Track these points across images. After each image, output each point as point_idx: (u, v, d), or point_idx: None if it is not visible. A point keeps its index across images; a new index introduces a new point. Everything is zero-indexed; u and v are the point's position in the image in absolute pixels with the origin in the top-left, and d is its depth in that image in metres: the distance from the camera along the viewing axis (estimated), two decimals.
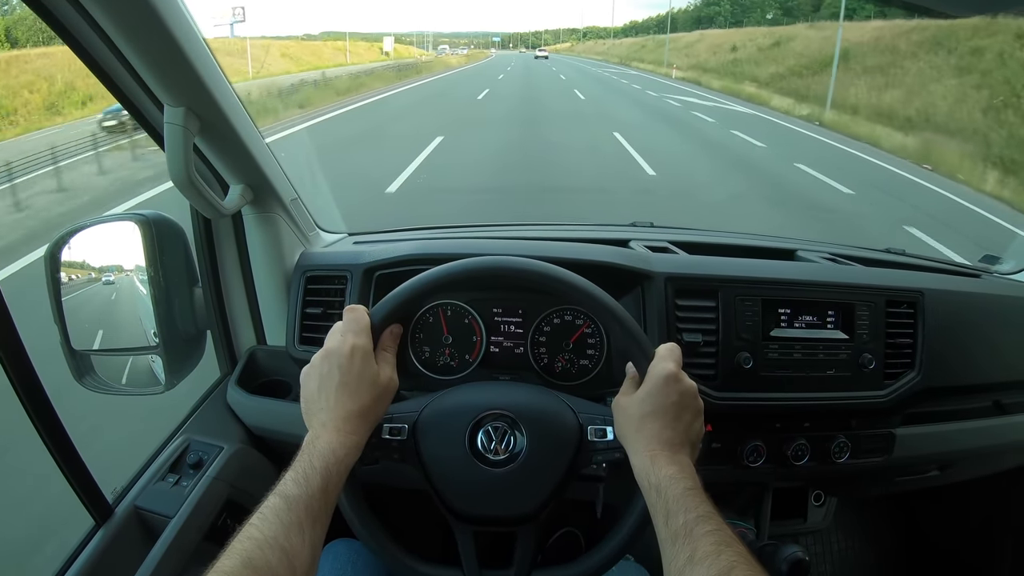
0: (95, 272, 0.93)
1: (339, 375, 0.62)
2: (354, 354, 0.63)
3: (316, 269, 0.97)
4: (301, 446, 0.59)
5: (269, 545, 0.49)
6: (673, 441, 0.62)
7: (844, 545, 1.46)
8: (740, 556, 0.51)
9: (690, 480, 0.58)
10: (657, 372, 0.64)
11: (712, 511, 0.55)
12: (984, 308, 1.07)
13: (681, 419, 0.63)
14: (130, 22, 0.64)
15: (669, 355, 0.66)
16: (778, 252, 1.17)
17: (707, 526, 0.53)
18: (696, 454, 0.65)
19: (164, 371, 0.92)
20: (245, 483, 0.90)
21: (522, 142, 9.36)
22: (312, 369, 0.64)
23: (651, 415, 0.63)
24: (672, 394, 0.63)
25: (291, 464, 0.57)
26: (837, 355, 0.94)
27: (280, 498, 0.53)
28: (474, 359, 0.96)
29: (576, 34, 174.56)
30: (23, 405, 0.70)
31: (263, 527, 0.50)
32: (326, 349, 0.64)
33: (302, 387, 0.64)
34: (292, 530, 0.51)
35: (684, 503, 0.56)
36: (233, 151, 0.85)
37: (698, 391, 0.66)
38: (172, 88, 0.72)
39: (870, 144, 10.44)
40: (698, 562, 0.51)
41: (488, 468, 0.68)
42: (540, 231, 1.24)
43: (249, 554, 0.48)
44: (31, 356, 0.69)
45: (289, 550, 0.50)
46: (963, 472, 1.18)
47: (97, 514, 0.79)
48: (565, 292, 0.71)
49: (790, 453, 0.95)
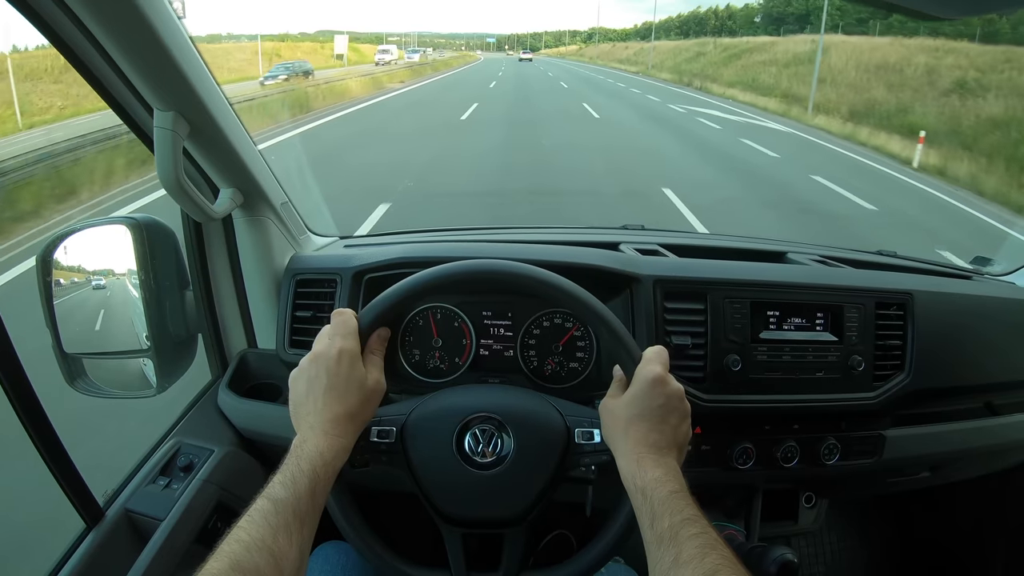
0: (86, 276, 0.93)
1: (327, 378, 0.62)
2: (342, 357, 0.63)
3: (306, 272, 0.98)
4: (289, 449, 0.60)
5: (257, 548, 0.49)
6: (659, 444, 0.62)
7: (836, 546, 1.47)
8: (725, 559, 0.51)
9: (676, 483, 0.59)
10: (644, 375, 0.64)
11: (697, 514, 0.56)
12: (975, 309, 1.08)
13: (667, 422, 0.63)
14: (118, 26, 0.64)
15: (656, 358, 0.66)
16: (768, 254, 1.17)
17: (692, 529, 0.54)
18: (683, 457, 0.65)
19: (156, 374, 0.92)
20: (235, 486, 0.90)
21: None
22: (300, 372, 0.64)
23: (637, 418, 0.63)
24: (658, 397, 0.63)
25: (279, 467, 0.57)
26: (826, 357, 0.94)
27: (268, 501, 0.53)
28: (464, 362, 0.96)
29: (578, 36, 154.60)
30: (13, 407, 0.70)
31: (251, 530, 0.50)
32: (314, 353, 0.64)
33: (290, 390, 0.65)
34: (280, 533, 0.51)
35: (669, 506, 0.56)
36: (222, 155, 0.85)
37: (686, 394, 0.66)
38: (161, 92, 0.72)
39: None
40: (683, 565, 0.51)
41: (475, 471, 0.68)
42: (530, 234, 1.24)
43: (237, 557, 0.48)
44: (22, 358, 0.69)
45: (277, 552, 0.50)
46: (954, 473, 1.18)
47: (88, 517, 0.79)
48: (551, 295, 0.71)
49: (780, 455, 0.95)
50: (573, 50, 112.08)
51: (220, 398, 0.98)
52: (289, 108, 13.26)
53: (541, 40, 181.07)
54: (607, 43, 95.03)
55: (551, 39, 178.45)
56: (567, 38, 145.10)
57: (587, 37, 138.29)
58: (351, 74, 23.71)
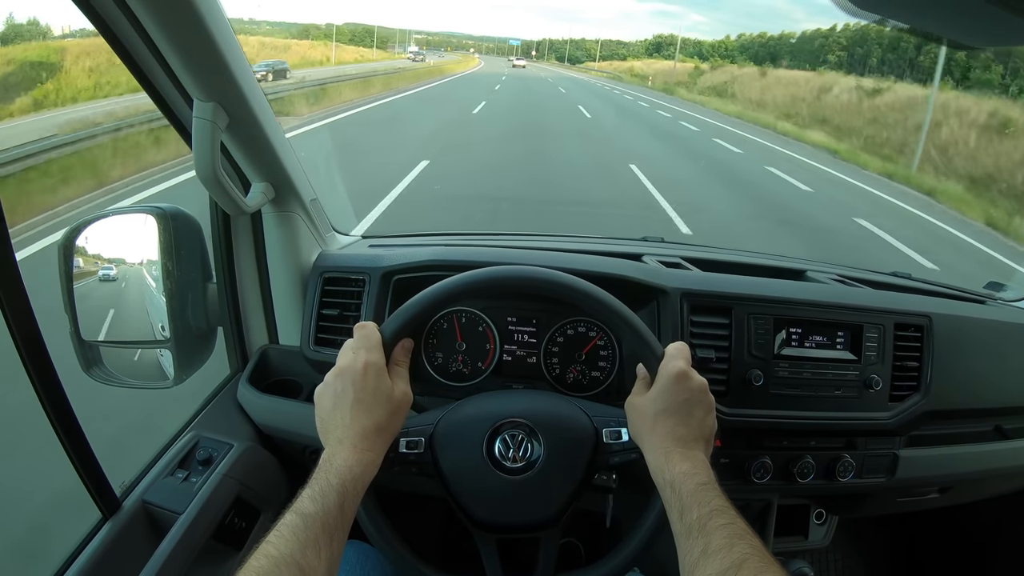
0: (108, 263, 0.93)
1: (353, 392, 0.62)
2: (367, 371, 0.63)
3: (334, 270, 0.97)
4: (311, 454, 0.59)
5: (286, 563, 0.49)
6: (686, 438, 0.63)
7: (843, 564, 1.47)
8: (753, 548, 0.51)
9: (704, 475, 0.59)
10: (668, 371, 0.65)
11: (726, 504, 0.56)
12: (989, 334, 1.09)
13: (693, 415, 0.64)
14: (168, 16, 0.64)
15: (678, 353, 0.67)
16: (787, 272, 1.18)
17: (720, 519, 0.54)
18: (710, 449, 0.65)
19: (173, 366, 0.91)
20: (254, 482, 0.89)
21: None
22: (326, 387, 0.64)
23: (664, 413, 0.64)
24: (683, 391, 0.64)
25: (308, 481, 0.57)
26: (845, 375, 0.95)
27: (297, 515, 0.53)
28: (487, 367, 0.96)
29: (638, 49, 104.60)
30: (37, 394, 0.69)
31: (280, 545, 0.50)
32: (339, 367, 0.64)
33: (316, 405, 0.64)
34: (308, 548, 0.51)
35: (698, 498, 0.56)
36: (258, 148, 0.85)
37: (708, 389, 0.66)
38: (204, 83, 0.72)
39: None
40: (712, 555, 0.51)
41: (507, 476, 0.68)
42: (554, 242, 1.24)
43: (265, 572, 0.48)
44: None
45: (306, 568, 0.50)
46: (963, 495, 1.19)
47: (105, 507, 0.78)
48: (574, 297, 0.71)
49: (796, 470, 0.96)
50: (606, 66, 78.60)
51: (240, 393, 0.97)
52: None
53: (586, 50, 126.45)
54: (666, 61, 65.64)
55: (595, 48, 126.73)
56: (628, 50, 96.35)
57: (652, 48, 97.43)
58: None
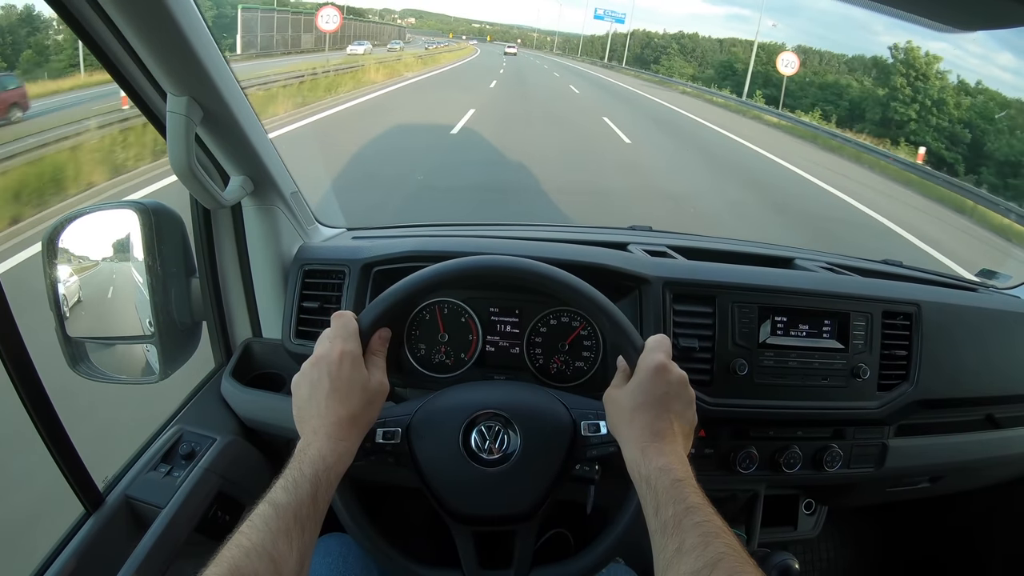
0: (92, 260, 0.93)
1: (329, 382, 0.62)
2: (343, 360, 0.63)
3: (314, 263, 0.97)
4: (294, 447, 0.59)
5: (257, 553, 0.49)
6: (664, 432, 0.62)
7: (833, 554, 1.47)
8: (729, 547, 0.50)
9: (680, 471, 0.58)
10: (647, 363, 0.64)
11: (702, 502, 0.55)
12: (980, 322, 1.08)
13: (671, 409, 0.63)
14: (137, 10, 0.64)
15: (658, 346, 0.66)
16: (776, 260, 1.17)
17: (695, 517, 0.53)
18: (689, 444, 0.64)
19: (159, 361, 0.92)
20: (237, 475, 0.89)
21: None
22: (302, 376, 0.64)
23: (642, 406, 0.63)
24: (662, 385, 0.63)
25: (282, 471, 0.57)
26: (832, 364, 0.94)
27: (269, 505, 0.53)
28: (469, 358, 0.96)
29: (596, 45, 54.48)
30: (17, 391, 0.69)
31: (251, 535, 0.50)
32: (315, 356, 0.64)
33: (293, 394, 0.64)
34: (280, 538, 0.51)
35: (673, 494, 0.56)
36: (235, 141, 0.84)
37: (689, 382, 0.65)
38: (176, 76, 0.72)
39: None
40: (686, 553, 0.51)
41: (483, 468, 0.68)
42: (538, 232, 1.24)
43: (236, 562, 0.48)
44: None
45: (277, 558, 0.50)
46: (954, 484, 1.19)
47: (88, 502, 0.78)
48: (551, 287, 0.70)
49: (783, 460, 0.95)
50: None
51: (223, 387, 0.97)
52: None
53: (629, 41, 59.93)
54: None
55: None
56: (626, 49, 45.31)
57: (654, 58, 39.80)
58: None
